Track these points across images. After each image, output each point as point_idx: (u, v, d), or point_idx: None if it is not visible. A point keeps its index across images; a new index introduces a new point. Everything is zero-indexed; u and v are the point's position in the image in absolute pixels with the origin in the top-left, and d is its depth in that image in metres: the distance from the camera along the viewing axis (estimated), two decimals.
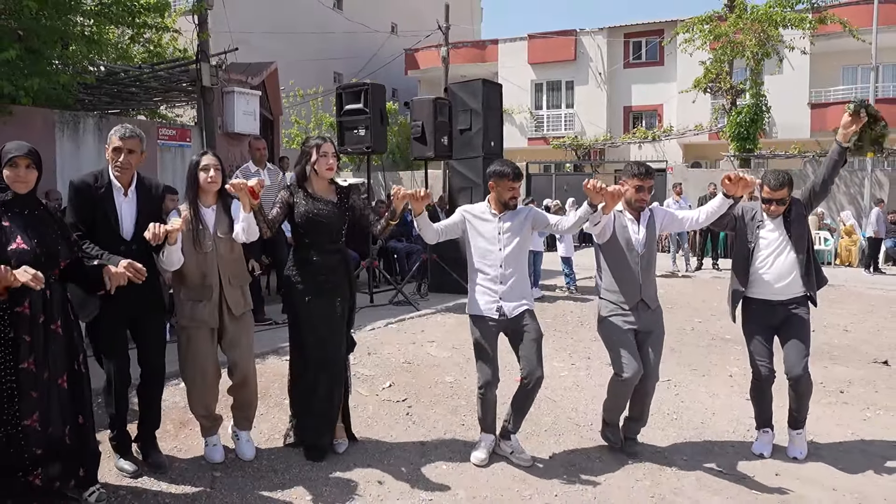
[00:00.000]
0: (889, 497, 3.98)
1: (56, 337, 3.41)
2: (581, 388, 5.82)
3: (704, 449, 4.64)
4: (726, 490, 4.04)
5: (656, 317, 4.41)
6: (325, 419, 4.25)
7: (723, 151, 19.94)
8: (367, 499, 3.79)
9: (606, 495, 3.92)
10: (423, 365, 6.07)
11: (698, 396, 5.74)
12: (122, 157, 3.83)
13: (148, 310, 4.00)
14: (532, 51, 28.57)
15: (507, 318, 4.20)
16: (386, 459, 4.30)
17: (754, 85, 19.06)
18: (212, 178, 4.05)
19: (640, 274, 4.32)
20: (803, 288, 4.43)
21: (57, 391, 3.39)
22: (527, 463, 4.25)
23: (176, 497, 3.76)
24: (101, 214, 3.82)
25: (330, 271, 4.18)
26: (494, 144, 9.80)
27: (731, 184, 4.11)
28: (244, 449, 4.28)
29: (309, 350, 4.17)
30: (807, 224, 4.52)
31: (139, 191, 3.96)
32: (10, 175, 3.35)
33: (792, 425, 4.54)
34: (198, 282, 4.04)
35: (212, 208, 4.13)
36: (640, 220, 4.39)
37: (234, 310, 4.11)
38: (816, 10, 18.89)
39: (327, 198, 4.21)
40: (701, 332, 8.15)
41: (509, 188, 4.20)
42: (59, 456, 3.41)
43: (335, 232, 4.21)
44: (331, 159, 4.16)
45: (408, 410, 5.09)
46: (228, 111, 12.27)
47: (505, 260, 4.20)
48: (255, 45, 20.48)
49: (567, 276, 10.08)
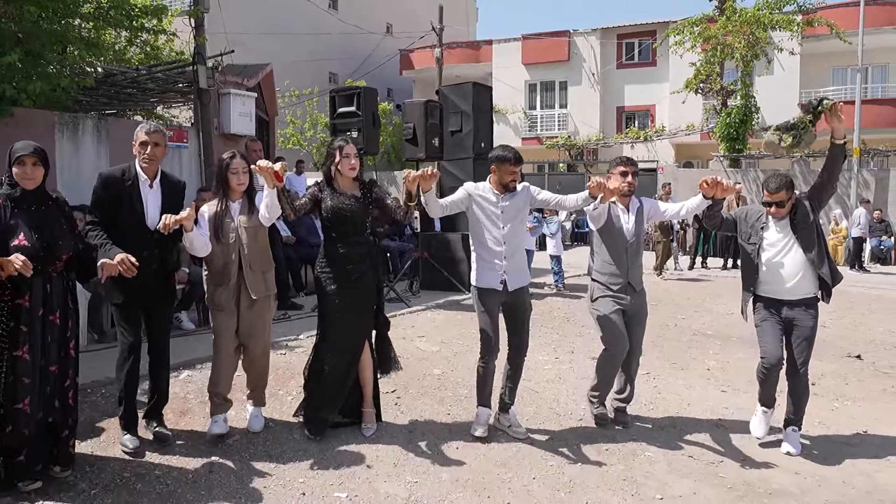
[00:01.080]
0: (847, 480, 4.24)
1: (53, 327, 3.70)
2: (563, 381, 6.07)
3: (677, 437, 4.89)
4: (695, 473, 4.30)
5: (641, 299, 4.87)
6: (331, 395, 4.59)
7: (713, 152, 20.19)
8: (356, 481, 4.03)
9: (582, 478, 4.17)
10: (412, 358, 6.31)
11: (675, 388, 5.99)
12: (148, 149, 4.19)
13: (160, 298, 4.40)
14: (526, 51, 28.78)
15: (507, 291, 4.59)
16: (375, 444, 4.54)
17: (744, 86, 19.31)
18: (241, 182, 4.50)
19: (629, 259, 4.76)
20: (814, 289, 4.56)
21: (50, 377, 3.70)
22: (522, 436, 4.69)
23: (176, 478, 3.99)
24: (129, 204, 4.17)
25: (356, 262, 4.52)
26: (484, 146, 10.03)
27: (707, 187, 4.43)
28: (252, 423, 4.70)
29: (335, 335, 4.52)
30: (816, 223, 4.61)
31: (163, 183, 4.32)
32: (19, 173, 3.63)
33: (787, 423, 4.71)
34: (220, 268, 4.47)
35: (238, 202, 4.53)
36: (630, 209, 4.82)
37: (253, 293, 4.46)
38: (804, 12, 19.15)
39: (351, 193, 4.56)
40: (683, 328, 8.41)
41: (510, 172, 4.55)
42: (43, 437, 3.70)
43: (360, 224, 4.56)
44: (353, 160, 4.54)
45: (396, 400, 5.34)
46: (224, 113, 12.46)
47: (506, 237, 4.58)
48: (251, 47, 20.67)
49: (556, 274, 10.32)
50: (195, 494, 3.83)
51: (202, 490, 3.88)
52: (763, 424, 4.84)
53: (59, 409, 3.77)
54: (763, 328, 4.67)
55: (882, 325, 8.81)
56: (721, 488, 4.11)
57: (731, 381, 6.24)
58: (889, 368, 6.84)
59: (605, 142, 25.98)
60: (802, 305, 4.57)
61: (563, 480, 4.14)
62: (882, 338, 8.11)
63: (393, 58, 30.02)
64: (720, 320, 8.80)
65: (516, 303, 4.68)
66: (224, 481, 3.98)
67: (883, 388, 6.18)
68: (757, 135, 5.04)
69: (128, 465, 4.12)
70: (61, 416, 3.79)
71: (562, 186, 21.71)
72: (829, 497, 4.02)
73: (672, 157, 25.81)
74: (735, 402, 5.65)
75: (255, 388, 4.78)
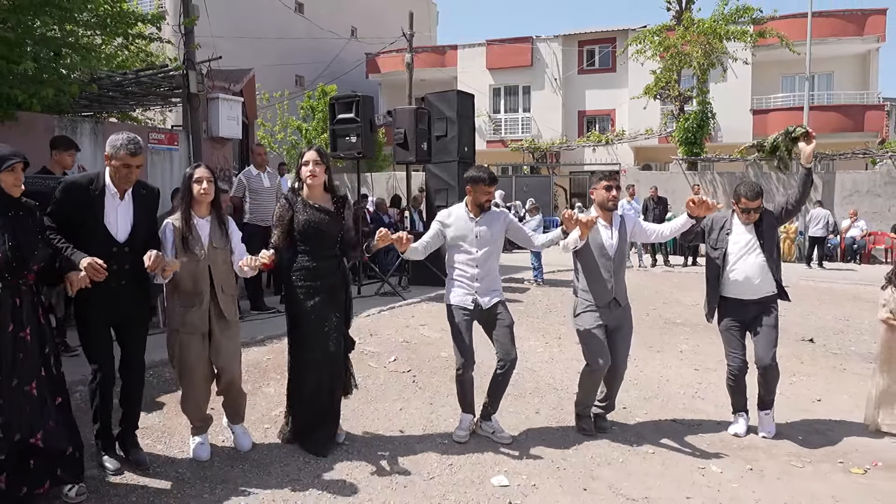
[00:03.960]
0: (805, 437, 5.03)
1: (25, 344, 3.42)
2: (555, 361, 6.79)
3: (660, 406, 5.65)
4: (678, 433, 5.05)
5: (626, 313, 4.91)
6: (326, 414, 4.49)
7: (672, 155, 21.18)
8: (392, 444, 4.67)
9: (586, 435, 4.88)
10: (419, 343, 6.95)
11: (654, 367, 6.76)
12: (130, 172, 3.95)
13: (135, 312, 4.11)
14: (490, 56, 29.59)
15: (481, 309, 4.68)
16: (401, 416, 5.19)
17: (701, 93, 20.34)
18: (204, 190, 4.19)
19: (613, 275, 4.79)
20: (772, 288, 4.91)
21: (25, 398, 3.41)
22: (507, 441, 4.73)
23: (161, 492, 3.89)
24: (92, 217, 3.89)
25: (327, 276, 4.41)
26: (468, 150, 10.69)
27: (695, 206, 4.61)
28: (241, 441, 4.49)
29: (309, 350, 4.41)
30: (776, 234, 5.02)
31: (135, 195, 4.06)
32: (12, 179, 3.43)
33: (760, 407, 5.03)
34: (189, 288, 4.19)
35: (206, 219, 4.28)
36: (613, 223, 4.86)
37: (227, 315, 4.29)
38: (757, 23, 20.25)
39: (325, 206, 4.42)
40: (655, 318, 9.20)
41: (485, 192, 4.66)
42: (28, 461, 3.43)
43: (332, 239, 4.44)
44: (311, 166, 4.35)
45: (413, 379, 5.98)
46: (213, 116, 12.90)
47: (480, 260, 4.66)
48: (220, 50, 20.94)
49: (535, 270, 11.05)
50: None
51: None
52: (742, 426, 5.06)
53: (56, 428, 3.53)
54: (727, 337, 5.01)
55: (830, 314, 9.73)
56: (701, 444, 4.85)
57: (703, 361, 7.05)
58: (838, 350, 7.73)
59: (567, 145, 26.84)
60: (763, 303, 4.92)
61: (568, 440, 4.84)
62: (831, 324, 9.02)
63: (360, 63, 30.50)
64: (688, 310, 9.62)
65: (491, 318, 4.70)
66: (207, 494, 3.90)
67: (833, 366, 7.04)
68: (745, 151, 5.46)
69: (110, 477, 3.97)
70: (61, 435, 3.56)
71: (528, 188, 22.61)
72: (792, 450, 4.79)
73: (632, 160, 26.82)
74: (706, 378, 6.45)
75: (235, 408, 4.53)
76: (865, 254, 17.20)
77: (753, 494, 4.11)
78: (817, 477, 4.39)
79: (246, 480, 4.07)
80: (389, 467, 4.32)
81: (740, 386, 5.06)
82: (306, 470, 4.22)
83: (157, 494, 3.85)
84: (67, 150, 6.33)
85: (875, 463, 4.60)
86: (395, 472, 4.26)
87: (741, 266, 4.90)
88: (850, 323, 9.14)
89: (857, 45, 25.22)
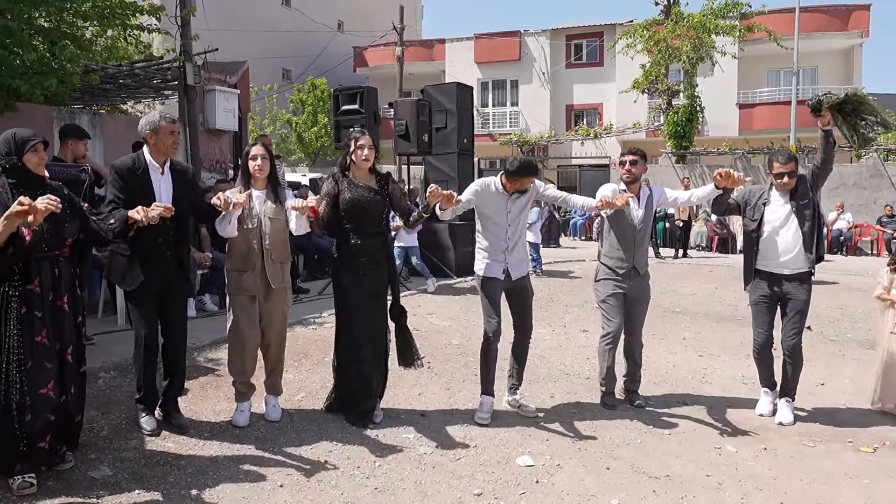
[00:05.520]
0: (812, 418, 5.18)
1: (63, 312, 3.70)
2: (564, 348, 6.91)
3: (670, 390, 5.78)
4: (692, 415, 5.18)
5: (644, 282, 5.23)
6: (367, 388, 4.70)
7: (661, 149, 21.41)
8: (415, 426, 4.77)
9: (605, 418, 5.00)
10: (430, 331, 7.06)
11: (660, 354, 6.90)
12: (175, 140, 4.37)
13: (176, 281, 4.41)
14: (478, 50, 29.71)
15: (511, 280, 4.89)
16: (421, 400, 5.29)
17: (689, 87, 20.56)
18: (259, 167, 4.52)
19: (635, 245, 5.09)
20: (807, 264, 4.91)
21: (66, 362, 3.71)
22: (532, 415, 4.98)
23: (198, 458, 4.09)
24: (141, 191, 4.19)
25: (371, 253, 4.62)
26: (466, 142, 10.81)
27: (721, 179, 4.83)
28: (271, 413, 4.73)
29: (355, 325, 4.63)
30: (813, 200, 4.95)
31: (173, 170, 4.40)
32: (36, 159, 3.64)
33: (782, 394, 5.10)
34: (243, 253, 4.50)
35: (262, 192, 4.57)
36: (641, 197, 5.14)
37: (272, 283, 4.53)
38: (744, 18, 20.50)
39: (369, 185, 4.65)
40: (654, 307, 9.19)
41: (531, 182, 4.81)
42: (64, 422, 3.72)
43: (377, 217, 4.65)
44: (367, 150, 4.60)
45: (428, 365, 6.06)
46: (209, 109, 12.94)
47: (511, 233, 4.82)
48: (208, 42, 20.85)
49: (534, 261, 11.18)
50: (219, 478, 3.91)
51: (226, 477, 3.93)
52: (767, 405, 5.19)
53: (75, 394, 3.79)
54: (756, 311, 5.11)
55: (824, 303, 9.90)
56: (714, 425, 4.99)
57: (706, 347, 7.20)
58: (835, 336, 7.91)
59: (555, 139, 27.03)
60: (797, 280, 4.93)
61: (586, 423, 4.96)
62: (826, 313, 9.20)
63: (348, 57, 30.47)
64: (685, 300, 9.79)
65: (518, 289, 4.93)
66: (241, 462, 4.13)
67: (832, 352, 7.22)
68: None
69: (151, 445, 4.24)
70: (76, 401, 3.81)
71: None
72: (802, 430, 4.94)
73: (619, 153, 26.98)
74: (712, 364, 6.60)
75: (272, 375, 4.76)
76: (852, 246, 17.50)
77: (770, 472, 4.24)
78: (829, 456, 4.53)
79: (277, 463, 4.16)
80: (417, 448, 4.42)
81: (764, 359, 5.16)
82: (334, 453, 4.31)
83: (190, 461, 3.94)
84: (81, 138, 6.36)
85: (883, 442, 4.75)
86: (423, 452, 4.36)
87: (777, 238, 4.92)
88: (845, 311, 9.33)
89: (842, 41, 25.58)
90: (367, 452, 4.31)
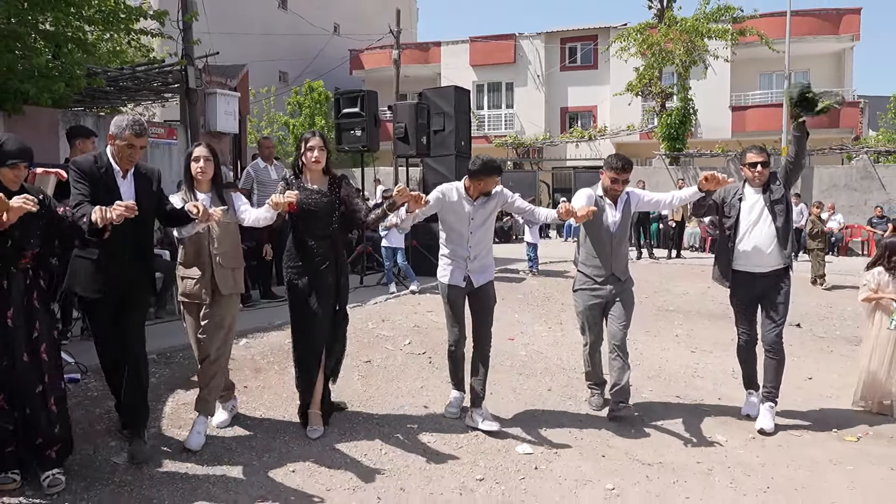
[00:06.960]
0: (798, 409, 5.39)
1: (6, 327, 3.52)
2: (560, 344, 7.11)
3: (664, 384, 5.99)
4: (685, 406, 5.39)
5: (625, 286, 5.08)
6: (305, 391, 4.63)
7: (655, 151, 21.65)
8: (418, 417, 4.96)
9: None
10: (430, 328, 7.25)
11: (653, 350, 7.11)
12: (134, 153, 4.03)
13: (137, 289, 4.16)
14: (473, 53, 29.92)
15: (473, 287, 4.83)
16: (423, 393, 5.49)
17: (682, 90, 20.80)
18: (201, 169, 4.35)
19: (612, 251, 4.98)
20: (784, 260, 4.92)
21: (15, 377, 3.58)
22: (495, 428, 4.71)
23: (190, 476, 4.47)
24: (105, 191, 3.95)
25: (322, 254, 4.53)
26: (464, 144, 11.00)
27: (706, 182, 4.68)
28: (190, 437, 4.29)
29: (298, 329, 4.62)
30: (786, 196, 4.96)
31: (136, 175, 4.13)
32: (11, 175, 3.53)
33: (764, 398, 5.05)
34: (191, 260, 4.37)
35: (207, 195, 4.39)
36: (618, 204, 5.02)
37: (221, 289, 4.35)
38: (737, 22, 20.75)
39: (319, 187, 4.57)
40: (648, 306, 9.54)
41: (495, 182, 4.73)
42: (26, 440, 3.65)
43: (325, 218, 4.55)
44: (317, 152, 4.50)
45: (429, 360, 6.27)
46: (210, 111, 13.10)
47: (474, 241, 4.77)
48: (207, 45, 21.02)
49: (531, 260, 11.38)
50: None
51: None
52: (753, 407, 5.17)
53: (31, 414, 3.60)
54: (738, 310, 5.15)
55: (813, 302, 10.15)
56: (705, 417, 5.20)
57: (698, 344, 7.42)
58: (823, 333, 8.15)
59: (550, 141, 27.26)
60: (774, 276, 4.95)
61: (582, 414, 5.17)
62: (815, 311, 9.45)
63: (345, 60, 30.64)
64: (678, 299, 10.01)
65: (480, 295, 4.86)
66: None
67: (820, 349, 7.45)
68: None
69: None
70: (36, 421, 3.62)
71: (514, 184, 22.92)
72: (790, 421, 5.15)
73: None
74: (703, 359, 6.82)
75: (205, 393, 4.38)
76: (843, 246, 17.75)
77: (758, 459, 4.46)
78: (815, 444, 4.75)
79: (288, 450, 4.35)
80: (420, 437, 4.62)
81: (749, 359, 5.22)
82: (343, 441, 4.50)
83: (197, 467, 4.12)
84: (88, 137, 6.50)
85: (867, 432, 4.97)
86: (426, 441, 4.56)
87: (751, 237, 4.94)
88: (833, 310, 9.57)
89: (833, 44, 25.88)
90: (374, 443, 4.51)
